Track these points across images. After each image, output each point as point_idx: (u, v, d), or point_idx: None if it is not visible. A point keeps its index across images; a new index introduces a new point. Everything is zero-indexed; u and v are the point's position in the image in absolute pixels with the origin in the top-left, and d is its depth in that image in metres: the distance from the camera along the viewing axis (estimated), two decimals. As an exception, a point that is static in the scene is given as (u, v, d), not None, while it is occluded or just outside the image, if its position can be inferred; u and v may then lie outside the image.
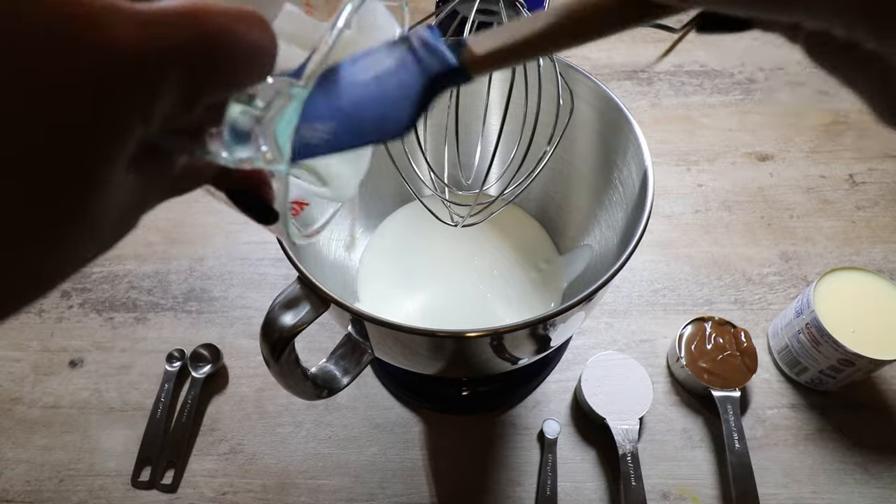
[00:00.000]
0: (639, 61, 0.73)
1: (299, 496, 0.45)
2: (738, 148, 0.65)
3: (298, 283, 0.32)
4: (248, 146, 0.15)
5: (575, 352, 0.51)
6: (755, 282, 0.54)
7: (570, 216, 0.50)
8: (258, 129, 0.15)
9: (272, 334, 0.30)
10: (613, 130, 0.40)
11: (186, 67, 0.13)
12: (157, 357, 0.51)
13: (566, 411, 0.48)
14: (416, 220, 0.52)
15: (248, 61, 0.14)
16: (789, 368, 0.48)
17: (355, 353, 0.38)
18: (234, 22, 0.13)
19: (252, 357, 0.51)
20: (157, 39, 0.12)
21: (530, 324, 0.30)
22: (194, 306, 0.54)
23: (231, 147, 0.15)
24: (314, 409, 0.49)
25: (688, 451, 0.46)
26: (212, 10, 0.13)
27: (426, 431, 0.47)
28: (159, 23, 0.12)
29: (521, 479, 0.45)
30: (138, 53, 0.12)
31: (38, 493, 0.45)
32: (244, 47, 0.14)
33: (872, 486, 0.44)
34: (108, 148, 0.12)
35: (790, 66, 0.72)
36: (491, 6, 0.37)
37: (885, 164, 0.63)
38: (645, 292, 0.54)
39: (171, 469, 0.45)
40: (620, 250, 0.34)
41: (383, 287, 0.49)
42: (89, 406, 0.49)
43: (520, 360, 0.38)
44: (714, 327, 0.49)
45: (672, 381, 0.49)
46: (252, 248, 0.58)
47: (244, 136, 0.15)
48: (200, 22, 0.13)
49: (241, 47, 0.13)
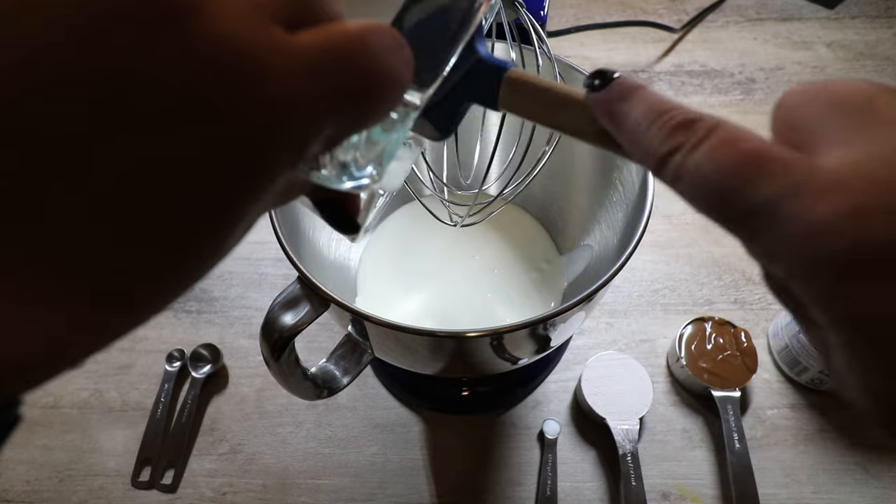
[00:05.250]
0: (639, 61, 0.73)
1: (299, 496, 0.45)
2: (738, 148, 0.65)
3: (298, 283, 0.32)
4: (360, 174, 0.15)
5: (575, 352, 0.51)
6: (755, 282, 0.54)
7: (570, 216, 0.50)
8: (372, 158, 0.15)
9: (272, 334, 0.30)
10: (613, 130, 0.40)
11: (345, 116, 0.12)
12: (157, 357, 0.51)
13: (566, 411, 0.48)
14: (415, 220, 0.52)
15: (393, 100, 0.13)
16: (789, 368, 0.48)
17: (355, 353, 0.38)
18: (387, 55, 0.12)
19: (252, 357, 0.51)
20: (321, 88, 0.11)
21: (530, 324, 0.30)
22: (194, 306, 0.54)
23: (343, 174, 0.15)
24: (314, 409, 0.49)
25: (688, 451, 0.46)
26: (371, 45, 0.12)
27: (426, 431, 0.47)
28: (324, 69, 0.11)
29: (521, 479, 0.45)
30: (302, 108, 0.11)
31: (38, 493, 0.45)
32: (393, 84, 0.13)
33: (872, 486, 0.44)
34: (255, 196, 0.11)
35: (790, 66, 0.72)
36: (491, 6, 0.37)
37: (885, 164, 0.62)
38: (645, 292, 0.54)
39: (171, 469, 0.45)
40: (620, 250, 0.34)
41: (383, 287, 0.49)
42: (89, 406, 0.49)
43: (520, 360, 0.38)
44: (714, 327, 0.49)
45: (672, 381, 0.49)
46: (252, 248, 0.58)
47: (359, 165, 0.15)
48: (362, 65, 0.12)
49: (390, 85, 0.13)
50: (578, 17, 0.78)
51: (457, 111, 0.19)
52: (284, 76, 0.10)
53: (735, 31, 0.76)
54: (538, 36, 0.36)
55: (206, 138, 0.10)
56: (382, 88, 0.12)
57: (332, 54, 0.11)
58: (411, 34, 0.17)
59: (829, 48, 0.74)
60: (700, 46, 0.74)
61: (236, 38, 0.10)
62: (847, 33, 0.75)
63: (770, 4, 0.79)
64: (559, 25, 0.77)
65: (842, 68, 0.71)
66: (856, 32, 0.75)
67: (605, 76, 0.16)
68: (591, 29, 0.77)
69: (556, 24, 0.77)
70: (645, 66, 0.73)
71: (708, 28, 0.76)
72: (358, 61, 0.12)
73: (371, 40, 0.12)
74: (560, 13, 0.79)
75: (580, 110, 0.17)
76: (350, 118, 0.12)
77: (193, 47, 0.09)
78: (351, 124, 0.13)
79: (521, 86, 0.18)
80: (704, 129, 0.13)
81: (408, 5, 0.17)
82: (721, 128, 0.13)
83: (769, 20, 0.77)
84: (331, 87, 0.11)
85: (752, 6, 0.79)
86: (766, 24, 0.77)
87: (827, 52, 0.73)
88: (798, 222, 0.12)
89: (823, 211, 0.11)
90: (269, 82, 0.10)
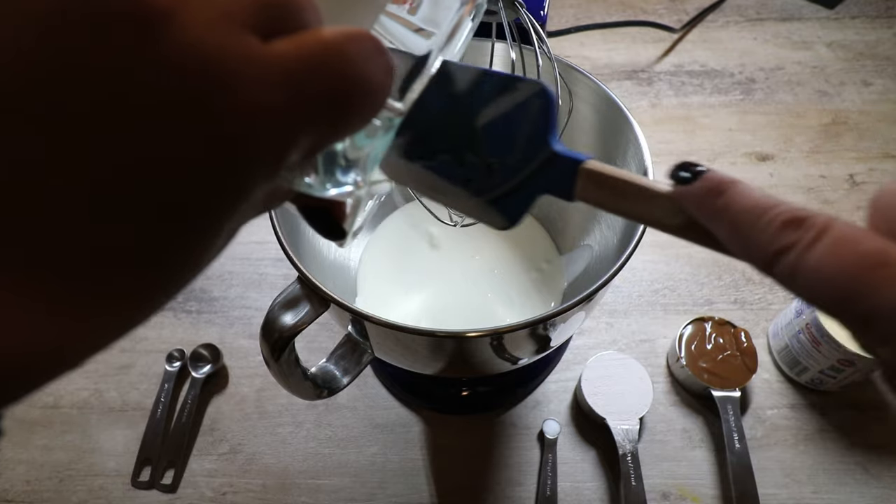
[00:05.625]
0: (639, 61, 0.73)
1: (299, 496, 0.45)
2: (738, 148, 0.65)
3: (298, 283, 0.32)
4: (344, 180, 0.15)
5: (575, 352, 0.51)
6: (755, 282, 0.54)
7: (570, 216, 0.50)
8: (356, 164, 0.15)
9: (272, 334, 0.30)
10: (613, 130, 0.40)
11: (323, 126, 0.12)
12: (157, 357, 0.51)
13: (566, 411, 0.48)
14: (415, 220, 0.52)
15: (374, 107, 0.13)
16: (789, 368, 0.48)
17: (355, 353, 0.38)
18: (367, 63, 0.12)
19: (252, 357, 0.51)
20: (297, 98, 0.11)
21: (530, 324, 0.30)
22: (194, 306, 0.54)
23: (326, 182, 0.15)
24: (314, 409, 0.49)
25: (688, 451, 0.46)
26: (348, 53, 0.12)
27: (426, 431, 0.47)
28: (298, 78, 0.11)
29: (521, 479, 0.45)
30: (275, 118, 0.11)
31: (38, 493, 0.45)
32: (373, 92, 0.12)
33: (872, 486, 0.44)
34: (229, 207, 0.11)
35: (790, 66, 0.72)
36: (491, 6, 0.37)
37: (885, 164, 0.62)
38: (645, 292, 0.54)
39: (171, 469, 0.45)
40: (620, 250, 0.34)
41: (383, 287, 0.49)
42: (89, 406, 0.49)
43: (520, 360, 0.38)
44: (714, 327, 0.49)
45: (672, 381, 0.49)
46: (252, 248, 0.58)
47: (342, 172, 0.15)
48: (340, 73, 0.11)
49: (371, 95, 0.12)
50: (578, 17, 0.78)
51: (528, 202, 0.19)
52: (255, 86, 0.10)
53: (735, 31, 0.76)
54: (538, 36, 0.36)
55: (172, 148, 0.10)
56: (362, 97, 0.12)
57: (306, 63, 0.11)
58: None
59: (829, 48, 0.74)
60: (700, 46, 0.74)
61: (204, 46, 0.10)
62: (847, 33, 0.75)
63: (770, 4, 0.79)
64: (559, 25, 0.77)
65: (842, 68, 0.71)
66: (856, 32, 0.75)
67: (694, 169, 0.16)
68: (591, 29, 0.77)
69: (556, 24, 0.77)
70: (645, 66, 0.73)
71: (708, 28, 0.76)
72: (335, 70, 0.11)
73: (349, 48, 0.12)
74: (560, 13, 0.79)
75: (665, 203, 0.17)
76: (328, 128, 0.12)
77: (162, 55, 0.09)
78: (330, 134, 0.12)
79: (599, 178, 0.18)
80: (818, 228, 0.13)
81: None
82: (834, 227, 0.13)
83: (769, 20, 0.77)
84: (305, 97, 0.11)
85: (752, 6, 0.79)
86: (766, 24, 0.77)
87: (827, 52, 0.73)
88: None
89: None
90: (239, 92, 0.10)
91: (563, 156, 0.19)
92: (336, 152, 0.15)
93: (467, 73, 0.20)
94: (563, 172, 0.19)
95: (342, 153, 0.15)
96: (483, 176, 0.20)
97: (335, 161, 0.15)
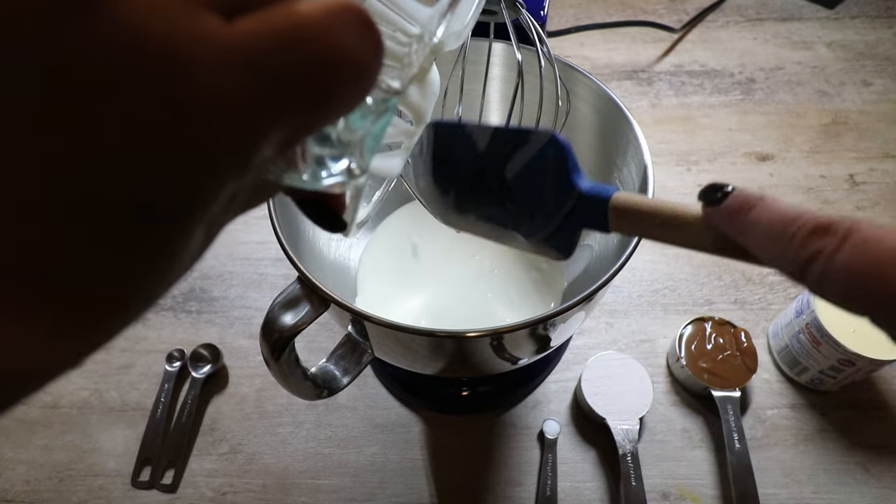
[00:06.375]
0: (639, 61, 0.73)
1: (299, 496, 0.45)
2: (738, 148, 0.65)
3: (298, 283, 0.32)
4: (337, 169, 0.14)
5: (575, 352, 0.51)
6: (755, 282, 0.54)
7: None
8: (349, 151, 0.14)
9: (272, 334, 0.30)
10: (613, 130, 0.40)
11: (300, 113, 0.10)
12: (157, 357, 0.51)
13: (566, 411, 0.48)
14: (416, 220, 0.52)
15: (360, 90, 0.11)
16: (789, 368, 0.48)
17: (355, 353, 0.38)
18: (350, 38, 0.10)
19: (252, 357, 0.51)
20: (265, 83, 0.09)
21: (530, 324, 0.30)
22: (194, 306, 0.54)
23: (318, 173, 0.13)
24: (314, 409, 0.49)
25: (688, 451, 0.46)
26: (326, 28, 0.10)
27: (426, 431, 0.47)
28: (268, 60, 0.09)
29: (521, 479, 0.45)
30: (239, 108, 0.09)
31: (38, 493, 0.45)
32: (358, 74, 0.11)
33: (872, 486, 0.44)
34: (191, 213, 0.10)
35: (790, 66, 0.72)
36: (491, 6, 0.37)
37: (885, 164, 0.62)
38: (645, 292, 0.54)
39: (171, 469, 0.45)
40: (620, 250, 0.34)
41: (383, 287, 0.49)
42: (89, 406, 0.49)
43: (520, 360, 0.38)
44: (714, 327, 0.49)
45: (672, 381, 0.49)
46: (252, 248, 0.58)
47: (334, 160, 0.14)
48: (315, 52, 0.10)
49: (355, 76, 0.11)
50: (578, 17, 0.78)
51: (574, 236, 0.21)
52: (211, 70, 0.09)
53: (735, 31, 0.76)
54: (538, 36, 0.36)
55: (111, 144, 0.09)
56: (345, 79, 0.11)
57: (276, 42, 0.10)
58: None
59: (829, 48, 0.74)
60: (700, 46, 0.74)
61: (150, 25, 0.08)
62: (847, 33, 0.75)
63: (770, 4, 0.79)
64: (559, 25, 0.77)
65: (842, 68, 0.71)
66: (856, 32, 0.75)
67: (723, 189, 0.16)
68: (591, 29, 0.77)
69: (556, 24, 0.77)
70: (645, 66, 0.73)
71: (708, 28, 0.76)
72: (310, 48, 0.10)
73: (327, 22, 0.10)
74: (560, 13, 0.79)
75: (697, 225, 0.18)
76: (306, 115, 0.11)
77: (106, 36, 0.08)
78: (309, 122, 0.11)
79: (628, 210, 0.19)
80: (842, 232, 0.13)
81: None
82: (858, 228, 0.13)
83: (769, 20, 0.77)
84: (275, 82, 0.10)
85: (752, 6, 0.79)
86: (766, 24, 0.77)
87: (827, 52, 0.73)
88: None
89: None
90: (192, 77, 0.09)
91: (588, 195, 0.20)
92: (328, 137, 0.13)
93: (484, 133, 0.21)
94: (594, 209, 0.20)
95: (336, 138, 0.13)
96: (527, 221, 0.21)
97: (325, 148, 0.13)
